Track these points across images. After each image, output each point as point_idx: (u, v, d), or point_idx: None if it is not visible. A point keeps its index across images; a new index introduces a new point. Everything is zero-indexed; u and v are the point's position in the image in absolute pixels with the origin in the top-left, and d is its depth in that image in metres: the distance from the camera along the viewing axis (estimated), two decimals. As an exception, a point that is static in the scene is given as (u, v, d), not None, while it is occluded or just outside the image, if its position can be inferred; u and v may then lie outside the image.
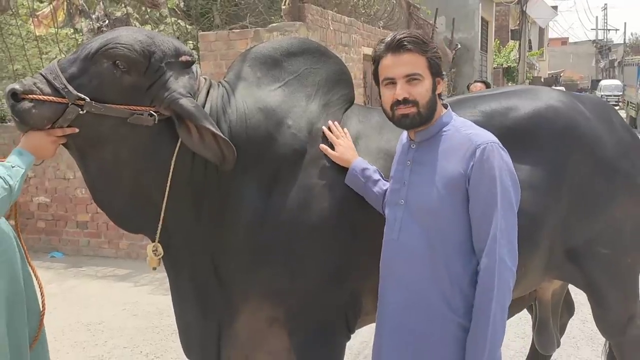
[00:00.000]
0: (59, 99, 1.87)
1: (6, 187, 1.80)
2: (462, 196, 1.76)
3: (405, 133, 1.96)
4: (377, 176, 2.04)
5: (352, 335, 2.26)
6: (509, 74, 24.11)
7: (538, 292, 2.79)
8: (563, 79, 56.06)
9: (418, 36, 1.80)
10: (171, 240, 2.12)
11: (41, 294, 2.22)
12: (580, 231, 2.32)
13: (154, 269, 2.16)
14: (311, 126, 2.13)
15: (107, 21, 6.46)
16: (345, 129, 2.15)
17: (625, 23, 69.99)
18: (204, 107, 2.02)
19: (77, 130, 1.92)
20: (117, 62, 1.90)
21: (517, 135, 2.20)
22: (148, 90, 1.95)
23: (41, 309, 2.21)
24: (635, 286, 2.56)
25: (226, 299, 2.17)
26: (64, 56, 7.32)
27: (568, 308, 3.07)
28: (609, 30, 61.70)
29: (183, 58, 2.03)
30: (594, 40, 60.84)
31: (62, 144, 1.97)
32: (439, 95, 1.86)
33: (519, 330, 3.95)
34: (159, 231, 2.07)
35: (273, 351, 2.34)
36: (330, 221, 2.06)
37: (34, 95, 1.86)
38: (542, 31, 41.89)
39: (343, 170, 2.08)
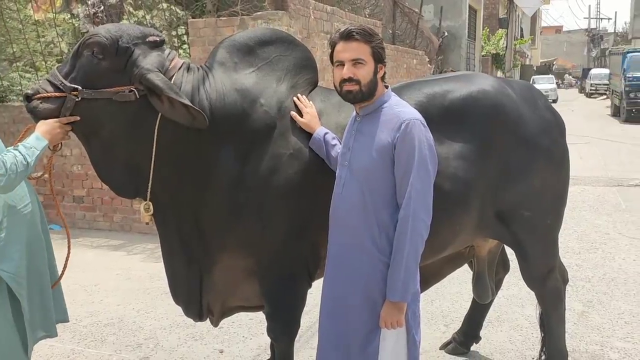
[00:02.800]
0: (58, 94, 2.35)
1: (25, 163, 2.25)
2: (389, 160, 2.16)
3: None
4: (334, 142, 2.46)
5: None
6: (497, 61, 24.45)
7: (476, 250, 3.22)
8: (556, 67, 56.28)
9: (366, 29, 2.20)
10: (159, 199, 2.52)
11: (68, 248, 2.67)
12: (507, 196, 2.74)
13: (147, 223, 2.59)
14: (280, 104, 2.52)
15: (102, 7, 6.80)
16: (310, 102, 2.57)
17: (616, 12, 70.22)
18: (182, 84, 2.41)
19: (79, 118, 2.36)
20: (94, 50, 2.33)
21: (453, 114, 2.62)
22: (125, 71, 2.35)
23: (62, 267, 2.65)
24: (553, 244, 3.00)
25: (206, 250, 2.58)
26: (60, 39, 7.61)
27: (504, 266, 3.52)
28: (601, 19, 61.85)
29: (150, 38, 2.42)
30: (586, 29, 61.01)
31: (71, 130, 2.42)
32: (382, 78, 2.27)
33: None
34: (149, 191, 2.48)
35: (246, 298, 2.78)
36: (296, 184, 2.46)
37: (40, 95, 2.36)
38: (534, 19, 42.08)
39: (306, 141, 2.49)
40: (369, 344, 2.23)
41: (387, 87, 2.31)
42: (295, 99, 2.53)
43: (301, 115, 2.51)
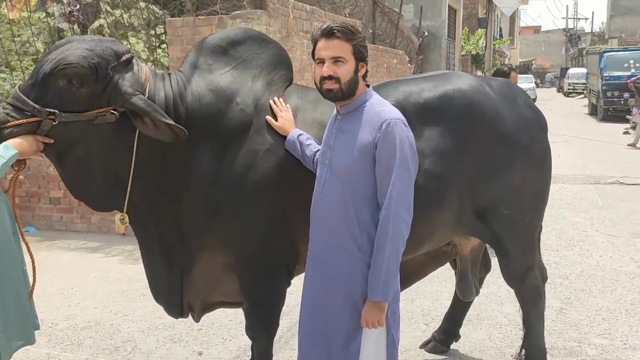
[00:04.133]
0: (33, 119, 2.21)
1: None
2: (370, 160, 2.15)
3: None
4: (309, 141, 2.45)
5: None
6: (477, 61, 24.65)
7: (458, 248, 3.22)
8: (535, 67, 56.93)
9: (347, 27, 2.19)
10: (137, 209, 2.50)
11: (31, 257, 2.50)
12: (485, 194, 2.75)
13: (123, 234, 2.54)
14: (257, 102, 2.54)
15: (77, 6, 6.69)
16: (287, 105, 2.55)
17: (593, 12, 71.26)
18: (155, 94, 2.38)
19: (52, 141, 2.27)
20: (71, 79, 2.22)
21: (428, 112, 2.64)
22: (103, 94, 2.29)
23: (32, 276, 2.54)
24: (533, 242, 3.01)
25: (186, 250, 2.58)
26: (35, 39, 7.45)
27: (485, 265, 3.52)
28: (578, 19, 62.70)
29: (124, 58, 2.35)
30: (564, 29, 61.80)
31: (42, 151, 2.31)
32: (363, 77, 2.25)
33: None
34: (126, 204, 2.44)
35: (226, 293, 2.78)
36: (272, 180, 2.47)
37: (12, 123, 2.20)
38: (512, 19, 42.51)
39: (283, 138, 2.49)
40: (350, 344, 2.22)
41: (368, 85, 2.31)
42: (271, 102, 2.53)
43: (276, 119, 2.50)
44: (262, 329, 2.66)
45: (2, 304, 2.36)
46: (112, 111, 2.28)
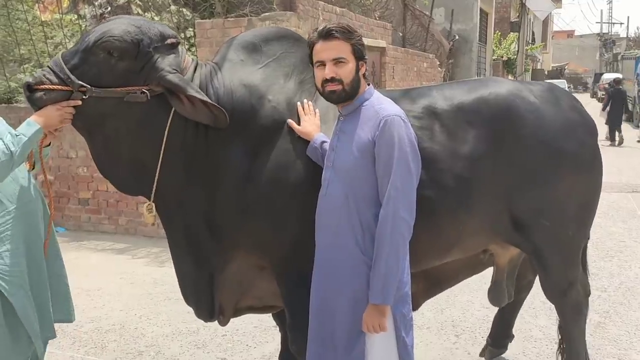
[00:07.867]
0: (65, 87, 2.23)
1: (7, 152, 2.12)
2: (371, 159, 2.10)
3: None
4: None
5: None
6: (508, 66, 24.27)
7: (495, 258, 3.06)
8: (568, 72, 55.91)
9: (345, 26, 2.15)
10: (165, 200, 2.47)
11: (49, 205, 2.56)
12: (525, 203, 2.60)
13: (153, 224, 2.54)
14: (289, 100, 2.48)
15: (109, 8, 6.73)
16: (316, 109, 2.47)
17: (628, 17, 69.84)
18: (192, 81, 2.35)
19: (80, 102, 2.25)
20: (111, 52, 2.23)
21: (462, 114, 2.55)
22: (141, 72, 2.29)
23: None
24: (575, 256, 2.82)
25: (218, 249, 2.51)
26: (68, 40, 7.52)
27: (533, 270, 3.29)
28: (613, 23, 61.47)
29: (169, 41, 2.36)
30: (599, 33, 60.64)
31: (72, 124, 2.32)
32: (364, 75, 2.19)
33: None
34: (153, 192, 2.42)
35: (261, 295, 2.71)
36: (306, 179, 2.39)
37: (44, 86, 2.22)
38: (545, 23, 41.85)
39: None
40: (354, 346, 2.17)
41: (368, 83, 2.24)
42: (298, 104, 2.46)
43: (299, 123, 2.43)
44: (305, 342, 2.44)
45: (35, 295, 2.42)
46: (143, 90, 2.27)
